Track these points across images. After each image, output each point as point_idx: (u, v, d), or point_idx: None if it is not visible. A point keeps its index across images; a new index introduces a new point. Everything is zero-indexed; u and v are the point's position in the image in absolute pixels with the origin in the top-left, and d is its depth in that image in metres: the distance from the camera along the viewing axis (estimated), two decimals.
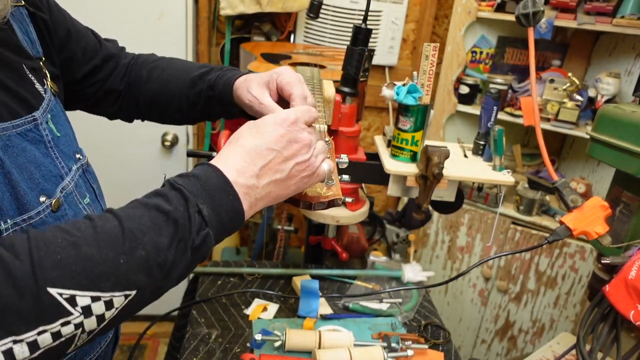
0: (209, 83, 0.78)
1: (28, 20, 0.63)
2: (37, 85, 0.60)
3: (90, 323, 0.42)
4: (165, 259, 0.46)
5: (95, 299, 0.42)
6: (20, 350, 0.39)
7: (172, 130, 1.95)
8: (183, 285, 1.76)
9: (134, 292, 0.44)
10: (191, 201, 0.48)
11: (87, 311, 0.42)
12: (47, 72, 0.64)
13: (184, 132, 1.97)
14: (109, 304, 0.43)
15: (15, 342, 0.39)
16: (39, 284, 0.39)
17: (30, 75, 0.60)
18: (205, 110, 0.81)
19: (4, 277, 0.38)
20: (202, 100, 0.79)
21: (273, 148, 0.54)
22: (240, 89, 0.72)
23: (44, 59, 0.65)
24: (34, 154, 0.56)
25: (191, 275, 1.24)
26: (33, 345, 0.40)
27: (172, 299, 1.58)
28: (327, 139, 0.67)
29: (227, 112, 0.79)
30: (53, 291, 0.40)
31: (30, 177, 0.55)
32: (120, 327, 0.82)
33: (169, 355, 1.22)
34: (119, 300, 0.43)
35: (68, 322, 0.41)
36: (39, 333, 0.40)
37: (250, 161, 0.53)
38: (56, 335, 0.41)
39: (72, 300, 0.40)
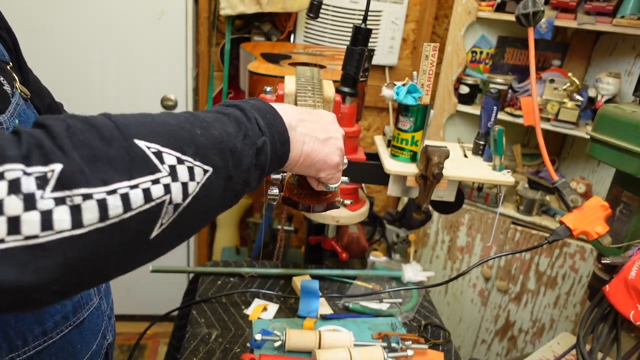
0: None
1: None
2: (6, 86, 0.53)
3: (177, 192, 0.41)
4: (235, 146, 0.46)
5: (180, 161, 0.41)
6: (114, 204, 0.37)
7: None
8: (183, 285, 1.75)
9: (210, 170, 0.44)
10: (248, 110, 0.50)
11: (173, 172, 0.41)
12: (15, 76, 0.57)
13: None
14: (191, 172, 0.42)
15: (108, 192, 0.37)
16: (126, 136, 0.38)
17: None
18: None
19: (88, 129, 0.37)
20: None
21: (309, 120, 0.58)
22: None
23: (10, 64, 0.58)
24: None
25: (191, 275, 1.24)
26: (125, 201, 0.38)
27: (172, 299, 1.58)
28: None
29: None
30: (141, 143, 0.39)
31: None
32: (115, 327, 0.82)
33: (169, 355, 1.22)
34: (199, 172, 0.43)
35: (157, 181, 0.40)
36: (131, 187, 0.38)
37: (292, 109, 0.56)
38: (147, 195, 0.39)
39: (159, 156, 0.40)
